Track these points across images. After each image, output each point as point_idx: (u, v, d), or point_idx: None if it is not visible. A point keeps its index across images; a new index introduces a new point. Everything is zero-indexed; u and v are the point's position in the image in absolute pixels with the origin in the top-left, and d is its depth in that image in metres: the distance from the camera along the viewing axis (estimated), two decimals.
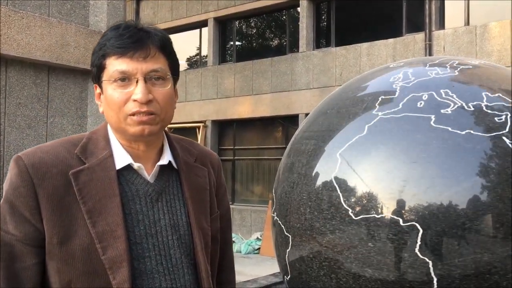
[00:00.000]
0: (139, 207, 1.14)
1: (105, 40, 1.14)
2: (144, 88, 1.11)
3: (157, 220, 1.15)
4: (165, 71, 1.16)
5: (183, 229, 1.19)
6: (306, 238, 1.68)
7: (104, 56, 1.13)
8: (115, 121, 1.14)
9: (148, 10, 14.52)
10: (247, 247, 10.80)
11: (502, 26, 8.89)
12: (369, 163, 1.57)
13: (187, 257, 1.18)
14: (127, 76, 1.11)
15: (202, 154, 1.34)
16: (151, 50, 1.13)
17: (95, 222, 1.08)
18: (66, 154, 1.13)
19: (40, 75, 4.11)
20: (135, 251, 1.11)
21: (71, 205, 1.08)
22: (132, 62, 1.11)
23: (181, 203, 1.21)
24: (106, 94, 1.14)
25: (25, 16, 3.92)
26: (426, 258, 1.42)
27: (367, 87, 1.84)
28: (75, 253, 1.06)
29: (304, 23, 11.49)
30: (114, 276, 1.06)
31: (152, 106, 1.12)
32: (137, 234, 1.12)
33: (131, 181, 1.16)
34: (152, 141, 1.19)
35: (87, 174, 1.11)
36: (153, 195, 1.17)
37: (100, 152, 1.15)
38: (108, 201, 1.10)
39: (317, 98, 10.61)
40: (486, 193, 1.41)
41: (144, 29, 1.15)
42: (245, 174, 12.67)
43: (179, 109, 13.21)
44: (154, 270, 1.13)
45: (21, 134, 3.96)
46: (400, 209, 1.47)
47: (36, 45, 3.97)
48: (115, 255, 1.07)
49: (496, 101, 1.57)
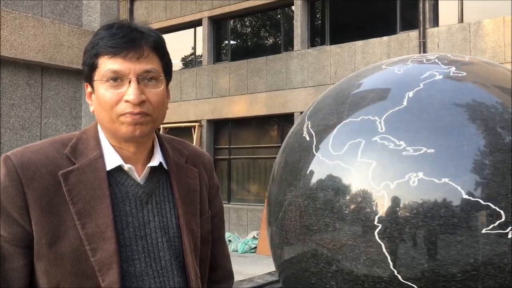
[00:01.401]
0: (129, 209, 1.13)
1: (98, 39, 1.13)
2: (137, 89, 1.10)
3: (146, 222, 1.15)
4: (159, 72, 1.15)
5: (172, 231, 1.18)
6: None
7: (97, 55, 1.12)
8: (107, 121, 1.13)
9: (142, 9, 14.47)
10: (244, 246, 10.79)
11: (496, 23, 8.93)
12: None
13: (176, 259, 1.17)
14: (119, 76, 1.10)
15: (193, 154, 1.33)
16: (144, 51, 1.12)
17: (85, 223, 1.07)
18: (55, 154, 1.12)
19: (34, 75, 4.09)
20: (125, 253, 1.10)
21: (60, 206, 1.07)
22: (125, 62, 1.10)
23: (171, 205, 1.20)
24: (98, 93, 1.13)
25: (18, 17, 3.89)
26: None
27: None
28: (64, 254, 1.05)
29: (299, 22, 11.49)
30: (104, 278, 1.05)
31: (144, 107, 1.11)
32: (127, 236, 1.11)
33: (121, 183, 1.15)
34: (143, 142, 1.18)
35: (76, 175, 1.10)
36: (143, 197, 1.16)
37: (90, 152, 1.14)
38: (98, 202, 1.09)
39: (312, 96, 10.62)
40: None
41: (138, 29, 1.14)
42: (241, 173, 12.66)
43: (174, 109, 13.19)
44: (144, 273, 1.12)
45: (15, 135, 3.94)
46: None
47: (29, 45, 3.95)
48: (104, 257, 1.06)
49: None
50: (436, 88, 1.62)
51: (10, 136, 3.90)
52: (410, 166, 1.48)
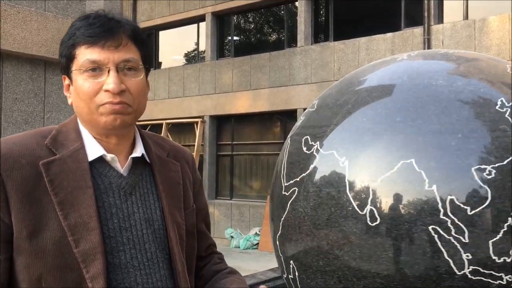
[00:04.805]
0: (112, 200, 1.11)
1: (74, 30, 1.11)
2: (116, 78, 1.08)
3: (131, 213, 1.13)
4: (137, 61, 1.13)
5: (157, 223, 1.16)
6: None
7: (74, 45, 1.10)
8: (86, 113, 1.11)
9: (145, 5, 14.45)
10: (246, 242, 10.81)
11: (501, 20, 8.87)
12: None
13: (162, 251, 1.16)
14: (98, 66, 1.09)
15: (174, 149, 1.32)
16: (123, 39, 1.10)
17: (67, 214, 1.04)
18: (35, 146, 1.09)
19: (37, 70, 4.08)
20: (109, 245, 1.08)
21: (42, 197, 1.05)
22: (104, 51, 1.08)
23: (154, 197, 1.18)
24: (76, 84, 1.11)
25: (21, 11, 3.89)
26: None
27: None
28: (45, 246, 1.03)
29: (302, 18, 11.45)
30: (88, 269, 1.03)
31: (124, 96, 1.09)
32: (111, 228, 1.09)
33: (104, 174, 1.13)
34: (124, 133, 1.16)
35: (58, 165, 1.08)
36: (127, 188, 1.14)
37: (71, 143, 1.12)
38: (80, 192, 1.06)
39: (315, 93, 10.59)
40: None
41: (115, 19, 1.13)
42: (243, 169, 12.66)
43: (177, 105, 13.19)
44: (129, 264, 1.10)
45: (18, 130, 3.94)
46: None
47: (33, 40, 3.95)
48: (88, 248, 1.04)
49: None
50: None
51: (13, 131, 3.90)
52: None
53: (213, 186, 12.82)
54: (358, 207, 1.52)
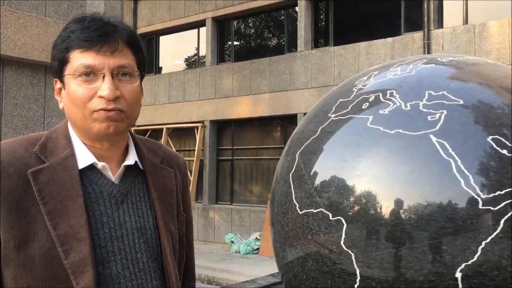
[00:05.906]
0: (103, 208, 1.08)
1: (68, 33, 1.08)
2: (112, 84, 1.05)
3: (122, 222, 1.09)
4: (133, 67, 1.11)
5: (150, 232, 1.13)
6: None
7: (68, 49, 1.07)
8: (80, 118, 1.08)
9: (146, 10, 14.49)
10: (246, 247, 10.78)
11: (501, 25, 8.89)
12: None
13: (154, 261, 1.13)
14: (92, 71, 1.06)
15: (168, 155, 1.29)
16: (119, 45, 1.08)
17: (57, 224, 1.01)
18: (23, 153, 1.06)
19: (37, 75, 4.09)
20: (100, 255, 1.05)
21: (30, 206, 1.02)
22: (99, 56, 1.05)
23: (147, 205, 1.15)
24: (69, 89, 1.08)
25: (22, 16, 3.90)
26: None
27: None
28: (34, 257, 0.99)
29: (303, 23, 11.48)
30: (78, 281, 1.00)
31: (119, 103, 1.07)
32: (102, 237, 1.06)
33: (95, 182, 1.10)
34: (117, 140, 1.13)
35: (47, 173, 1.05)
36: (118, 197, 1.11)
37: (61, 151, 1.09)
38: (70, 202, 1.03)
39: (316, 97, 10.60)
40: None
41: (111, 23, 1.10)
42: (243, 174, 12.65)
43: (178, 109, 13.20)
44: (120, 275, 1.07)
45: (18, 135, 3.94)
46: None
47: (33, 45, 3.95)
48: (78, 259, 1.00)
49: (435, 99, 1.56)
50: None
51: (13, 136, 3.90)
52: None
53: (214, 191, 12.81)
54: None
